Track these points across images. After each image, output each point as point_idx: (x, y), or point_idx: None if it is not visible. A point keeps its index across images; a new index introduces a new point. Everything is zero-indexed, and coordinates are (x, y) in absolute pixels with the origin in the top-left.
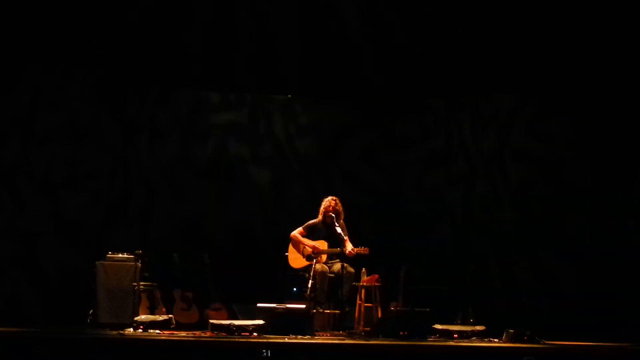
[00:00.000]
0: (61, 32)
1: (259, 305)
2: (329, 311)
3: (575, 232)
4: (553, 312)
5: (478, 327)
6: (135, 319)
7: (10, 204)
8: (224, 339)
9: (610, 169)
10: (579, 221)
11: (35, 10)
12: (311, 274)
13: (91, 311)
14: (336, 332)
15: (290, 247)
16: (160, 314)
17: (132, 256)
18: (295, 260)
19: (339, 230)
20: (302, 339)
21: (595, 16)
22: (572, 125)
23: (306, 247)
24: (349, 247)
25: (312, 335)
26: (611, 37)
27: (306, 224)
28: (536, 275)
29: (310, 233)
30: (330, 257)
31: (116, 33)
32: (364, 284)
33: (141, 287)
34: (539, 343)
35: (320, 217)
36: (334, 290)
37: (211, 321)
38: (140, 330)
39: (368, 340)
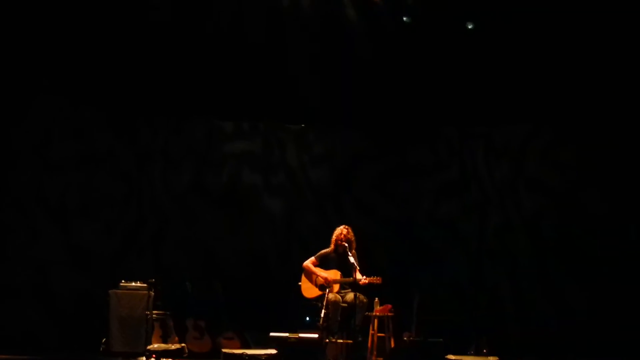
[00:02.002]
0: (76, 62)
1: (271, 334)
2: (341, 341)
3: (588, 260)
4: (567, 341)
5: (491, 358)
6: (148, 347)
7: (24, 232)
8: None
9: (623, 197)
10: (592, 249)
11: (50, 43)
12: (324, 303)
13: (104, 340)
14: None
15: (303, 277)
16: (172, 342)
17: (145, 285)
18: (308, 290)
19: (351, 259)
20: None
21: (608, 45)
22: (585, 154)
23: (318, 277)
24: (360, 276)
25: None
26: (626, 66)
27: (318, 253)
28: (550, 304)
29: (323, 262)
30: (343, 286)
31: (130, 63)
32: (377, 313)
33: (154, 315)
34: None
35: (332, 246)
36: (346, 319)
37: (224, 350)
38: (152, 359)
39: None
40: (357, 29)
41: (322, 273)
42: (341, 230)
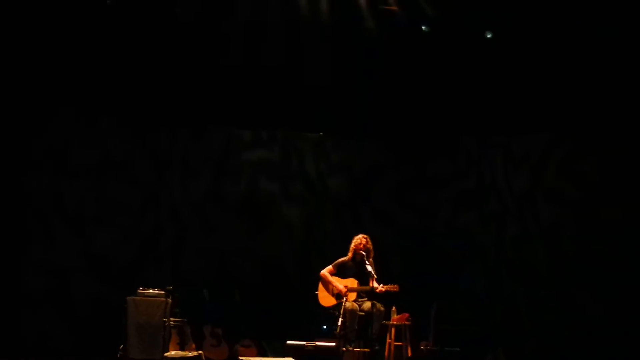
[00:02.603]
0: (95, 72)
1: (288, 342)
2: (358, 349)
3: (607, 272)
4: (584, 353)
5: None
6: (165, 354)
7: (42, 240)
8: None
9: None
10: (611, 261)
11: (70, 53)
12: (341, 311)
13: (121, 346)
14: None
15: (320, 286)
16: (190, 350)
17: (162, 292)
18: (325, 298)
19: (369, 268)
20: None
21: (631, 57)
22: (604, 165)
23: (335, 287)
24: (377, 285)
25: None
26: None
27: (336, 261)
28: (567, 316)
29: (340, 271)
30: (360, 295)
31: (149, 72)
32: (394, 322)
33: (171, 322)
34: None
35: (350, 254)
36: (363, 328)
37: (241, 358)
38: None
39: None
40: (375, 38)
41: (338, 284)
42: (360, 239)
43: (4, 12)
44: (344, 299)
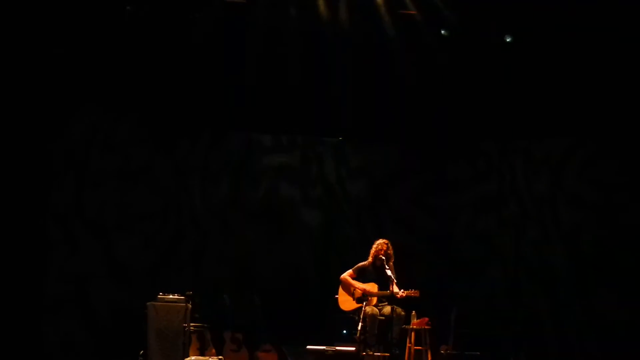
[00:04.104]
0: (115, 77)
1: (308, 347)
2: (378, 354)
3: (628, 277)
4: (605, 357)
5: None
6: None
7: (63, 246)
8: None
9: None
10: (632, 265)
11: (90, 58)
12: (361, 316)
13: (142, 352)
14: None
15: (340, 290)
16: (210, 355)
17: (182, 297)
18: (345, 302)
19: (388, 272)
20: None
21: None
22: (625, 168)
23: (357, 289)
24: (397, 289)
25: None
26: None
27: (356, 266)
28: (588, 320)
29: (360, 275)
30: (380, 299)
31: (170, 77)
32: (414, 326)
33: (191, 328)
34: None
35: (370, 259)
36: (383, 332)
37: None
38: None
39: None
40: (395, 43)
41: (360, 285)
42: (381, 244)
43: (20, 18)
44: (364, 303)
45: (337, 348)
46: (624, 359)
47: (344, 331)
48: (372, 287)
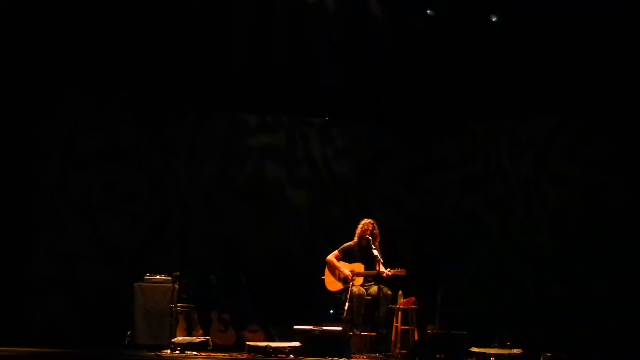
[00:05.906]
0: (100, 58)
1: (295, 327)
2: (365, 333)
3: (613, 256)
4: (591, 336)
5: (515, 351)
6: (173, 340)
7: (50, 226)
8: None
9: None
10: (617, 245)
11: (75, 39)
12: (348, 296)
13: (129, 332)
14: (373, 355)
15: (326, 271)
16: (197, 335)
17: (169, 278)
18: (332, 283)
19: (375, 252)
20: None
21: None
22: (610, 149)
23: (342, 272)
24: (383, 269)
25: (349, 357)
26: None
27: (342, 246)
28: (574, 299)
29: (346, 256)
30: (367, 279)
31: (154, 58)
32: (401, 306)
33: (179, 308)
34: None
35: (356, 239)
36: (370, 312)
37: (248, 343)
38: (177, 352)
39: None
40: (381, 23)
41: (344, 269)
42: (367, 224)
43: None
44: (351, 283)
45: (324, 328)
46: (610, 336)
47: (331, 311)
48: (358, 267)
